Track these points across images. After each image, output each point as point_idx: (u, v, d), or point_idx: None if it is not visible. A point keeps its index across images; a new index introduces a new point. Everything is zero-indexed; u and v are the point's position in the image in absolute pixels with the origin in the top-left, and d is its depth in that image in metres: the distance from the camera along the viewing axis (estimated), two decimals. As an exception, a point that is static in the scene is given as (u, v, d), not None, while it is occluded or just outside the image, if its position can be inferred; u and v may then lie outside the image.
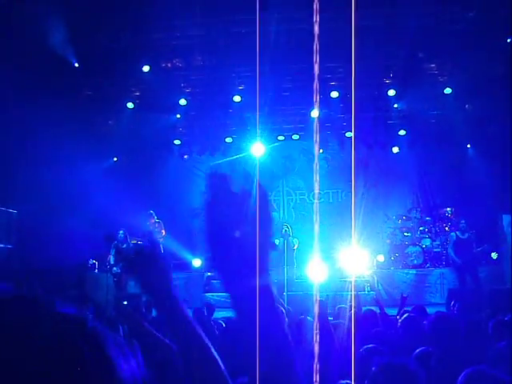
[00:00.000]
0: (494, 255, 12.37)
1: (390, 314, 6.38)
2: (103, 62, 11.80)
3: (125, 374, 0.76)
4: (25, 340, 0.64)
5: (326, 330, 3.72)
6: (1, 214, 10.58)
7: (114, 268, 11.79)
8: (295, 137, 15.12)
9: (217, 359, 1.23)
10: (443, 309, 8.86)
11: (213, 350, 1.26)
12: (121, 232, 12.16)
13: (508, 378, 2.56)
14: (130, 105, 13.48)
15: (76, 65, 11.65)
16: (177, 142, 15.07)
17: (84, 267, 12.85)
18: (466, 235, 11.26)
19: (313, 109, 13.41)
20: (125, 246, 12.13)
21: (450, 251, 11.50)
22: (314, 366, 1.10)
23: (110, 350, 0.74)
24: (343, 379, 3.04)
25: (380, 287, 12.06)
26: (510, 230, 12.00)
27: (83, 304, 5.65)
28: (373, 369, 2.54)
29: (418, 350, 3.50)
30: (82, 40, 11.05)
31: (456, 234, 11.47)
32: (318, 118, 13.72)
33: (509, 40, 10.90)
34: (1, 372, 0.61)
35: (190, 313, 1.37)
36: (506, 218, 12.13)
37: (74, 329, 0.68)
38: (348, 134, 14.58)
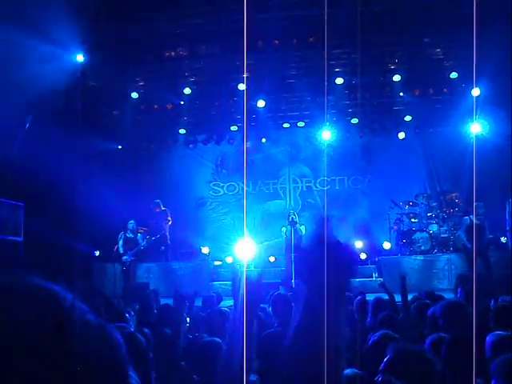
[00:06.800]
0: (503, 239, 12.30)
1: (397, 300, 6.36)
2: (107, 52, 11.74)
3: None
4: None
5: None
6: (8, 206, 10.60)
7: (124, 257, 11.86)
8: (300, 124, 15.06)
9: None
10: (451, 294, 8.85)
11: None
12: (131, 222, 12.24)
13: None
14: (134, 95, 13.42)
15: (81, 57, 11.56)
16: (182, 131, 15.03)
17: (91, 258, 12.93)
18: (479, 220, 11.11)
19: (318, 96, 13.34)
20: (133, 236, 12.19)
21: (462, 236, 11.41)
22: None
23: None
24: (349, 367, 3.03)
25: (387, 274, 12.03)
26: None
27: (92, 296, 5.66)
28: (387, 356, 2.53)
29: (430, 337, 3.49)
30: (85, 32, 10.97)
31: (470, 218, 11.37)
32: (324, 104, 13.70)
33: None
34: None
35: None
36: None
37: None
38: (353, 121, 14.51)
